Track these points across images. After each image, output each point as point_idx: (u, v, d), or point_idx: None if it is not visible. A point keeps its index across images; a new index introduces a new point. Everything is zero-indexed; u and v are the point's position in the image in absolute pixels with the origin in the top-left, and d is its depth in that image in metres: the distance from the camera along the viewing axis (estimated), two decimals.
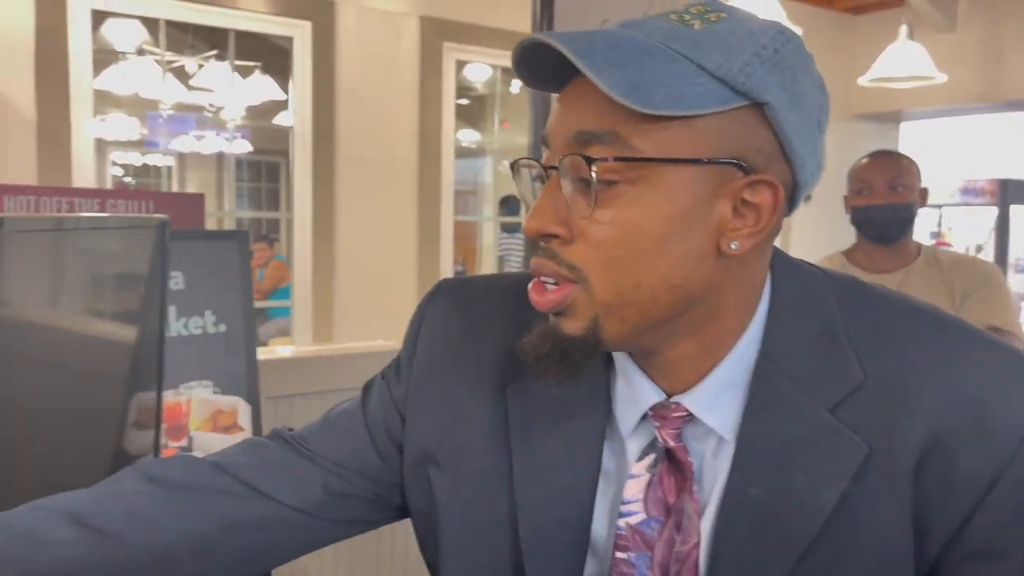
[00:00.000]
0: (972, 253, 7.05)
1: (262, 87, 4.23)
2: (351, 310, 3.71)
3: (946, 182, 5.76)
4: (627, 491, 0.68)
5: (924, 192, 1.95)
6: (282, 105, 4.05)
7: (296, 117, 3.62)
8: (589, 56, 0.56)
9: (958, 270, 1.90)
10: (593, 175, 0.58)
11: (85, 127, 3.18)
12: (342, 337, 3.67)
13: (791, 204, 0.64)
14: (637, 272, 0.59)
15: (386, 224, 3.80)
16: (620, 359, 0.69)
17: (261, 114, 4.67)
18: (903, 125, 5.75)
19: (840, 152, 5.37)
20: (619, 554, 0.68)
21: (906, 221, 1.94)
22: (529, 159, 0.65)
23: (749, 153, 0.59)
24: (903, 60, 3.75)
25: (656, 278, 0.60)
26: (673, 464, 0.67)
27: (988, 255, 6.98)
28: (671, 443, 0.67)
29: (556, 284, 0.61)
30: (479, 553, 0.72)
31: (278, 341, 4.49)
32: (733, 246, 0.60)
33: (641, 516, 0.67)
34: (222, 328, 1.46)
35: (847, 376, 0.63)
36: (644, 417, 0.68)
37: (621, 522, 0.68)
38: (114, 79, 3.75)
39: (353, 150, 3.68)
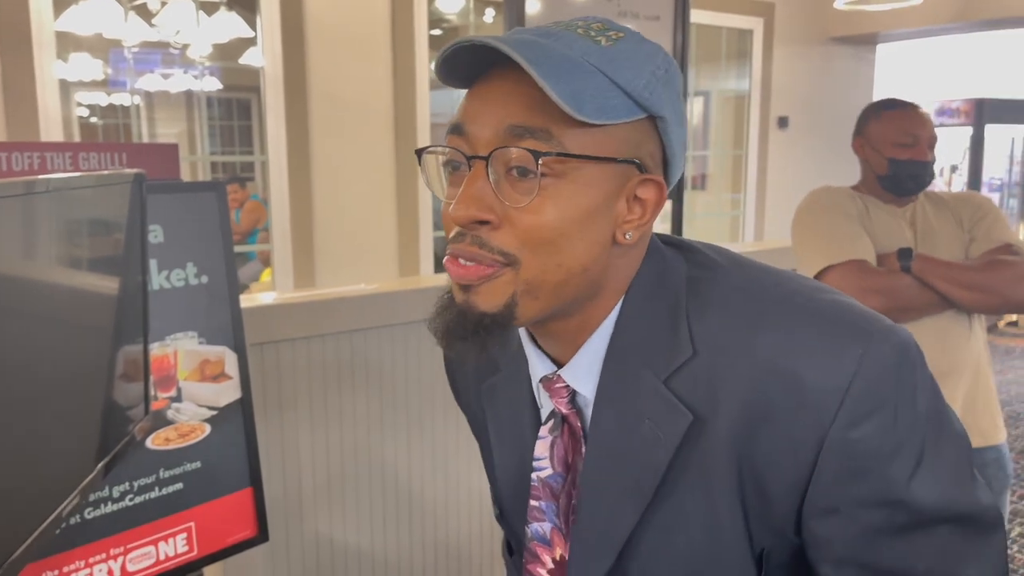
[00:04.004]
0: (947, 174, 7.10)
1: (229, 24, 4.10)
2: (332, 252, 3.69)
3: (921, 103, 5.75)
4: (536, 449, 0.78)
5: None
6: (250, 43, 3.95)
7: (266, 55, 3.53)
8: (539, 64, 0.62)
9: (961, 203, 1.94)
10: (539, 167, 0.64)
11: (49, 70, 3.10)
12: (324, 280, 3.66)
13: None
14: (561, 253, 0.66)
15: (363, 162, 3.75)
16: (524, 338, 0.78)
17: (229, 52, 4.55)
18: (879, 47, 5.70)
19: (816, 76, 5.35)
20: (532, 502, 0.78)
21: (931, 179, 1.94)
22: (446, 147, 0.68)
23: (644, 157, 0.68)
24: None
25: (573, 260, 0.67)
26: (569, 427, 0.76)
27: (963, 175, 7.03)
28: (563, 410, 0.76)
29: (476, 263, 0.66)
30: (499, 497, 0.88)
31: (260, 285, 4.48)
32: (628, 236, 0.69)
33: (548, 471, 0.78)
34: (204, 279, 1.45)
35: (680, 350, 0.69)
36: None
37: (533, 475, 0.79)
38: (75, 20, 3.62)
39: (326, 87, 3.60)
